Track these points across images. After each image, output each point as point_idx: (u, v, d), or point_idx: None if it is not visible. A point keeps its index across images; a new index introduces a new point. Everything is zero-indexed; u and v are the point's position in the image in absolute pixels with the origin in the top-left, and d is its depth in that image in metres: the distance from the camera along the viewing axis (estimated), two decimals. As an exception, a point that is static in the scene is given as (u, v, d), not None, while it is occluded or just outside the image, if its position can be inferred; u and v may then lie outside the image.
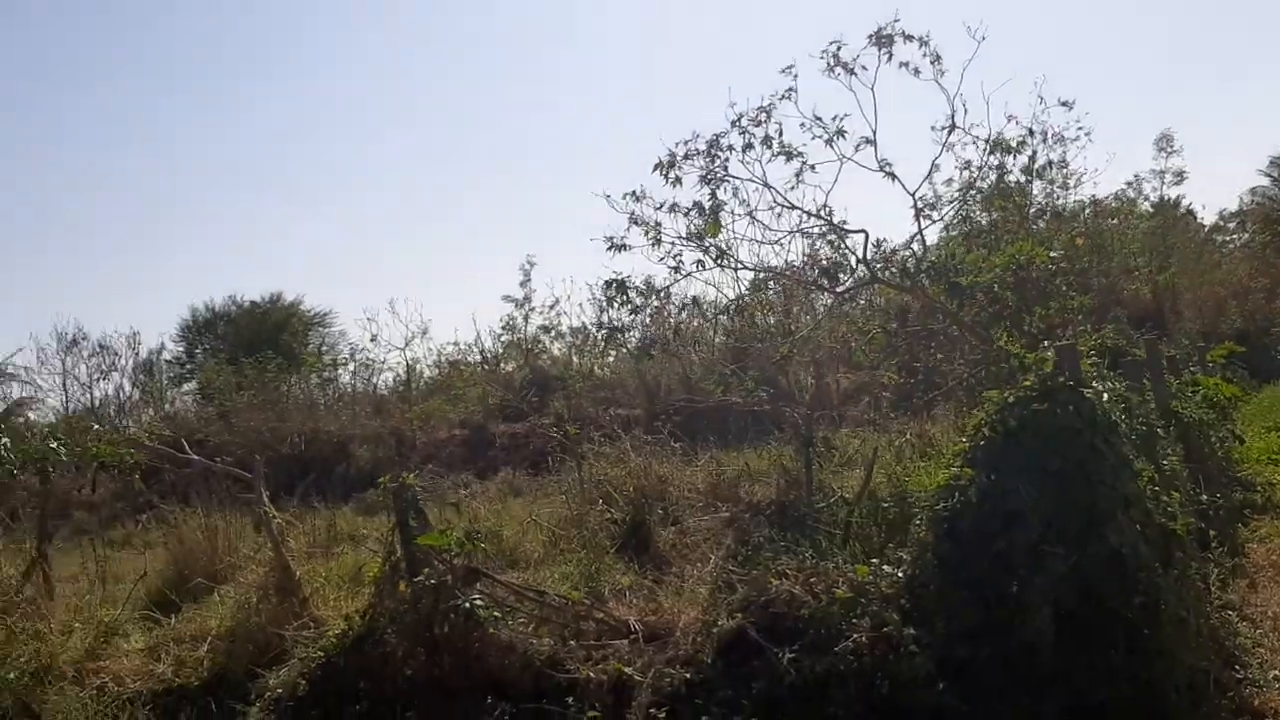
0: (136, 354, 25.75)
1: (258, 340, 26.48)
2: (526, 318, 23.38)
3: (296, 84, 57.12)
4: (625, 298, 10.30)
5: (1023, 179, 13.21)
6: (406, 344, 22.89)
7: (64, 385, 24.56)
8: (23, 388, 25.22)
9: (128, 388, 25.28)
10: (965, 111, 10.39)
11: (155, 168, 53.23)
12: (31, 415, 24.06)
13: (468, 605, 6.58)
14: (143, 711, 6.97)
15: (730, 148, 9.79)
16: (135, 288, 45.38)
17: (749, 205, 10.08)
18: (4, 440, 8.87)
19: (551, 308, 23.17)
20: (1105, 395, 6.14)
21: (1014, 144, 12.09)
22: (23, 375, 25.02)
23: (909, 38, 9.58)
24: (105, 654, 7.77)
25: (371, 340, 22.65)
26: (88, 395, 24.58)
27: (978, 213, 13.41)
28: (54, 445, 9.09)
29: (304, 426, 19.10)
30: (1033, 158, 13.28)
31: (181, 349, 29.69)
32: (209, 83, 56.81)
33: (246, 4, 59.64)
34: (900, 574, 6.20)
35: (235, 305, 29.73)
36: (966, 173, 11.51)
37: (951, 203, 12.88)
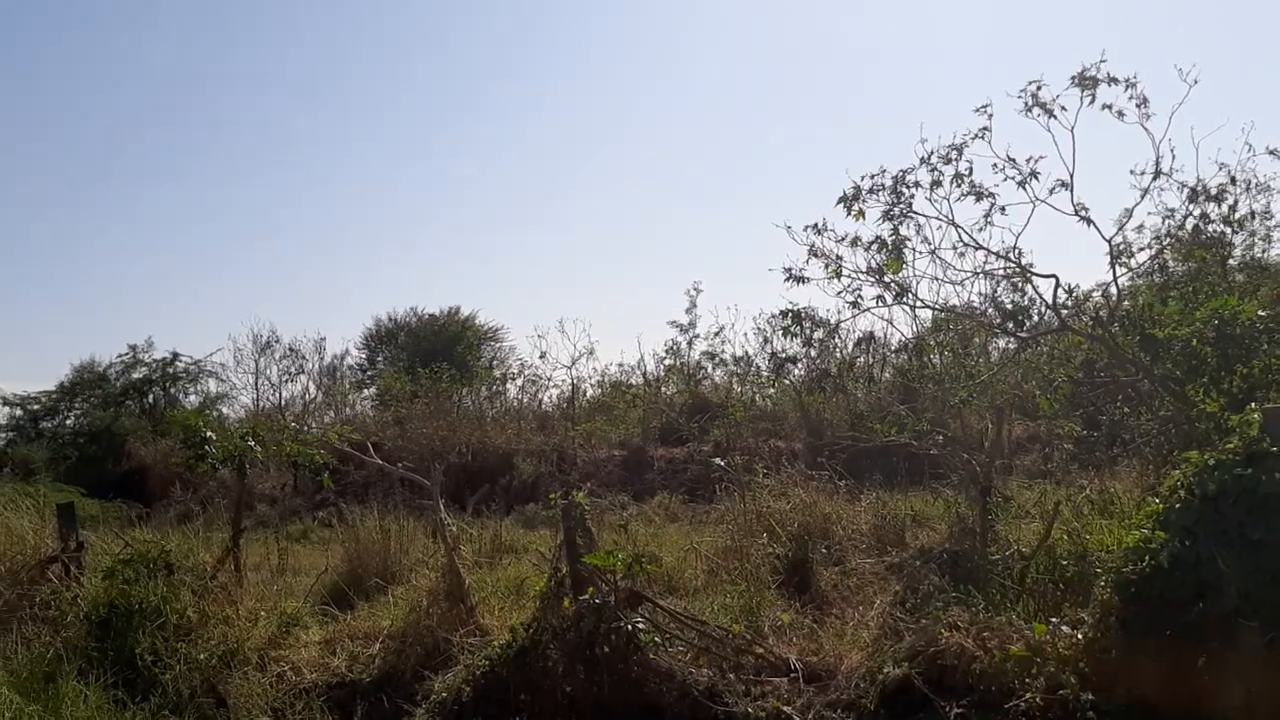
0: (322, 358, 27.26)
1: (434, 351, 27.51)
2: (690, 343, 23.54)
3: (484, 104, 59.24)
4: (801, 329, 10.25)
5: (1225, 229, 12.52)
6: (573, 363, 23.35)
7: (256, 384, 26.19)
8: (218, 384, 27.07)
9: (313, 390, 26.75)
10: (1173, 157, 9.95)
11: (359, 188, 56.06)
12: (225, 411, 25.78)
13: (630, 628, 6.66)
14: (317, 702, 7.30)
15: (917, 184, 9.64)
16: (326, 296, 47.87)
17: (932, 243, 9.91)
18: (211, 436, 9.50)
19: (716, 334, 23.27)
20: (1317, 464, 5.73)
21: (1215, 191, 11.52)
22: (220, 372, 26.89)
23: (1115, 80, 9.24)
24: (286, 643, 8.17)
25: (540, 357, 23.17)
26: (276, 394, 26.12)
27: (1173, 262, 12.78)
28: (251, 443, 9.62)
29: (472, 437, 19.64)
30: (1233, 207, 12.60)
31: (364, 356, 31.19)
32: (410, 101, 59.60)
33: (438, 25, 62.37)
34: (1080, 636, 5.95)
35: (416, 316, 31.02)
36: (1168, 221, 11.01)
37: (1144, 250, 12.34)
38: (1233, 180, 12.00)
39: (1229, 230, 12.75)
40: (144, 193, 53.88)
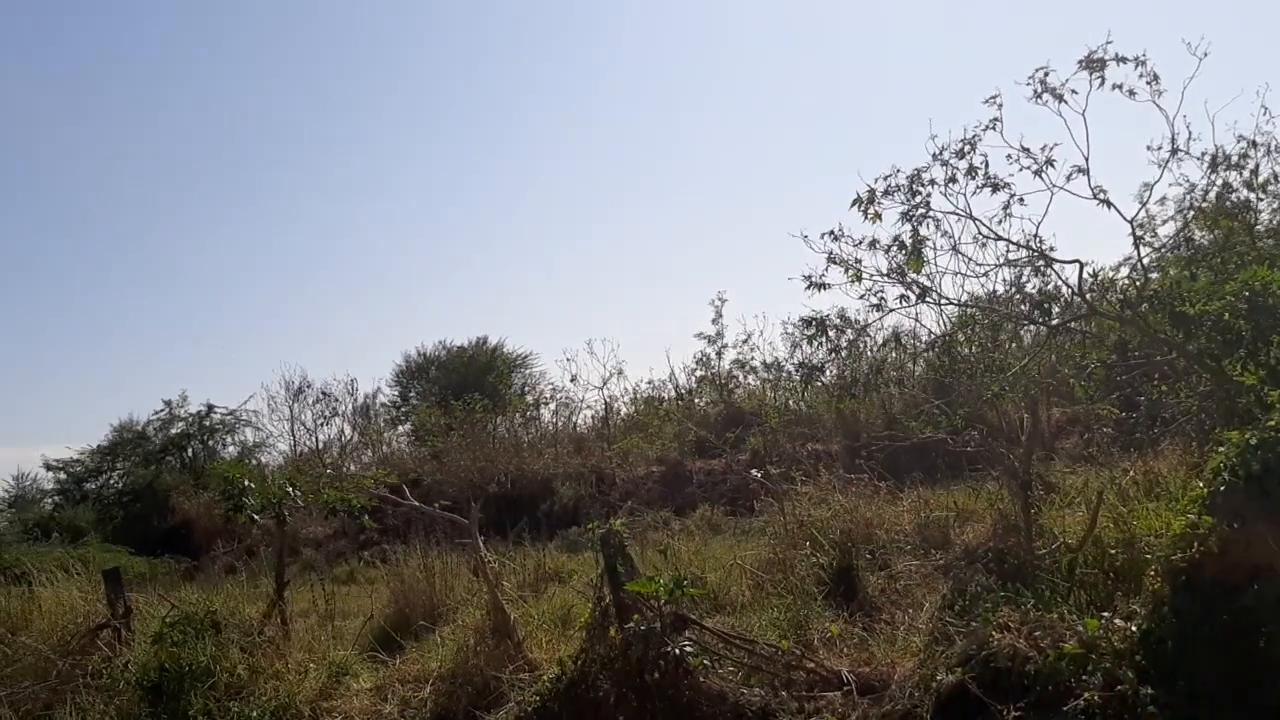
0: (354, 399, 27.47)
1: (466, 383, 27.60)
2: (720, 353, 23.52)
3: (486, 134, 59.61)
4: (825, 337, 10.18)
5: (1250, 196, 12.34)
6: (604, 383, 23.42)
7: (292, 430, 26.44)
8: (255, 433, 27.34)
9: (348, 431, 26.96)
10: (1189, 131, 9.81)
11: (375, 227, 56.55)
12: (264, 459, 26.01)
13: (677, 652, 6.62)
14: (373, 750, 7.31)
15: (932, 181, 9.53)
16: (354, 338, 48.23)
17: (952, 238, 9.81)
18: (250, 486, 9.57)
19: (744, 342, 23.24)
20: (1363, 435, 5.61)
21: (1235, 158, 11.35)
22: (255, 421, 27.16)
23: (1123, 60, 9.12)
24: (337, 694, 8.19)
25: (571, 380, 23.22)
26: (312, 439, 26.34)
27: (1199, 234, 12.61)
28: (290, 490, 9.68)
29: (510, 466, 19.68)
30: (1255, 171, 12.41)
31: (396, 393, 31.36)
32: (427, 133, 60.09)
33: (454, 41, 62.85)
34: (1134, 628, 5.84)
35: (445, 350, 31.15)
36: (1190, 195, 10.87)
37: (1166, 223, 12.18)
38: (1253, 144, 11.84)
39: (1254, 195, 12.57)
40: (159, 248, 54.58)
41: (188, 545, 20.57)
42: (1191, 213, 11.40)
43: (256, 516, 9.65)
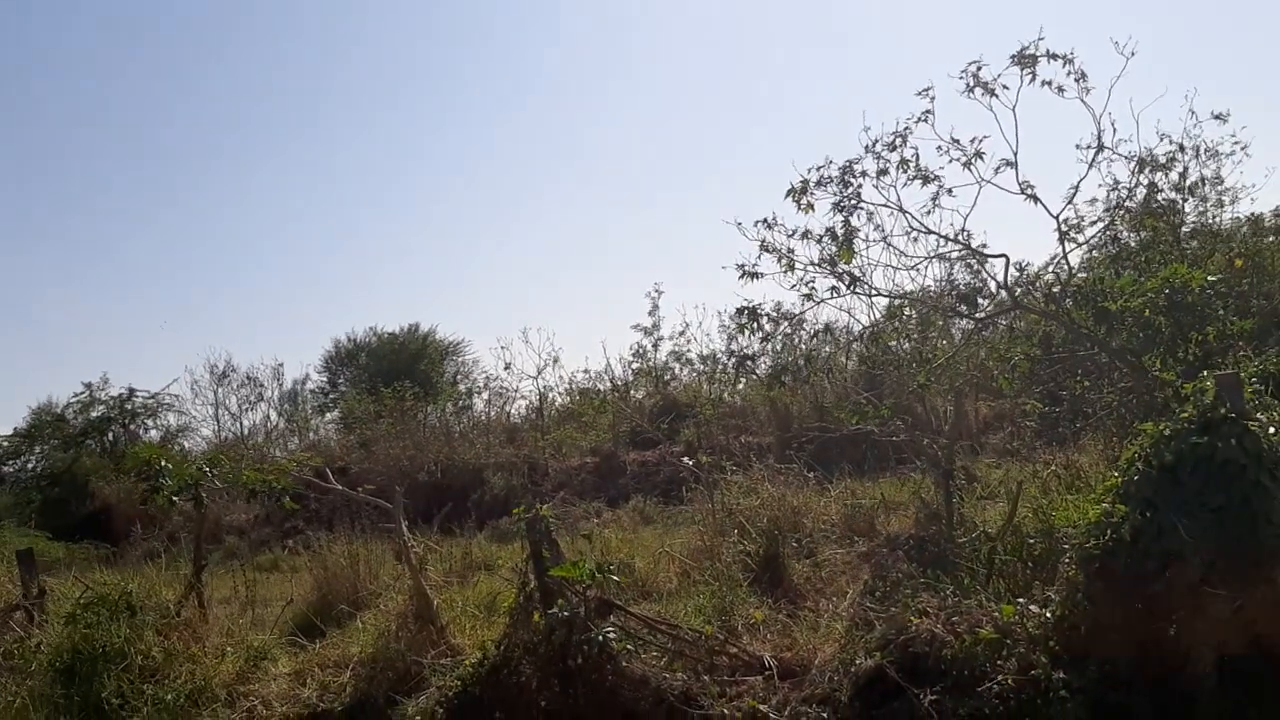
0: (281, 385, 27.05)
1: (396, 370, 27.30)
2: (656, 345, 23.54)
3: (425, 112, 58.97)
4: (757, 325, 10.22)
5: (1175, 197, 12.65)
6: (539, 372, 23.20)
7: (216, 415, 25.96)
8: (178, 418, 26.78)
9: (274, 417, 26.55)
10: (1114, 130, 10.02)
11: (306, 209, 55.57)
12: (186, 444, 25.49)
13: (600, 638, 6.59)
14: (289, 735, 7.19)
15: (864, 173, 9.64)
16: (281, 321, 47.41)
17: (884, 230, 9.92)
18: (167, 466, 9.35)
19: (681, 334, 23.27)
20: (1271, 428, 5.75)
21: (1163, 160, 11.62)
22: (178, 405, 26.59)
23: (1054, 56, 9.29)
24: (254, 677, 8.04)
25: (505, 369, 23.00)
26: (237, 425, 25.90)
27: (1125, 233, 12.89)
28: (207, 471, 9.49)
29: (440, 454, 19.48)
30: (1184, 174, 12.72)
31: (325, 379, 30.95)
32: (346, 115, 59.20)
33: (386, 31, 62.00)
34: (1048, 614, 5.96)
35: (376, 336, 30.80)
36: (1115, 193, 11.10)
37: (1095, 223, 12.42)
38: (1181, 148, 12.14)
39: (1180, 198, 12.90)
40: (83, 228, 53.13)
41: (108, 531, 20.05)
42: (1119, 211, 11.66)
43: (174, 498, 9.42)
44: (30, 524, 20.38)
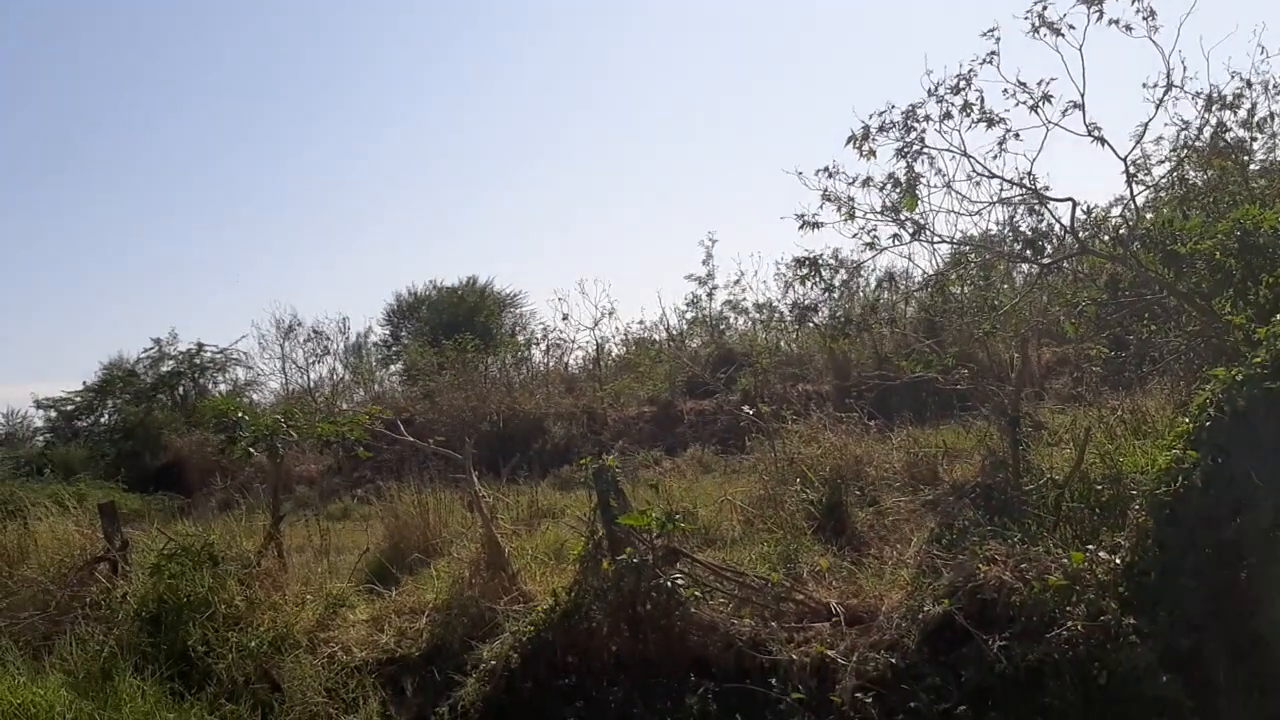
0: (346, 338, 27.40)
1: (456, 322, 27.52)
2: (711, 294, 23.51)
3: (475, 72, 58.86)
4: (818, 276, 10.18)
5: (1244, 135, 12.29)
6: (595, 324, 23.28)
7: (283, 369, 26.39)
8: (246, 372, 27.32)
9: (340, 370, 26.93)
10: (1183, 68, 9.78)
11: (362, 168, 56.02)
12: (255, 398, 26.03)
13: (669, 584, 6.72)
14: (369, 680, 7.42)
15: (927, 118, 9.49)
16: (345, 275, 48.06)
17: (946, 176, 9.78)
18: (244, 418, 9.59)
19: (735, 283, 23.23)
20: (1349, 371, 5.67)
21: (1231, 98, 11.28)
22: (245, 360, 27.12)
23: (1121, -8, 9.05)
24: (334, 624, 8.28)
25: (563, 319, 23.12)
26: (304, 378, 26.31)
27: (1192, 174, 12.58)
28: (283, 422, 9.69)
29: (502, 405, 19.70)
30: (1251, 111, 12.34)
31: (388, 332, 31.32)
32: (392, 80, 59.31)
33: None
34: (1118, 560, 5.96)
35: (436, 289, 31.04)
36: (1184, 133, 10.82)
37: (1161, 163, 12.12)
38: (1248, 84, 11.77)
39: (1248, 135, 12.53)
40: (146, 188, 54.08)
41: (180, 483, 20.60)
42: (1186, 151, 11.36)
43: (251, 449, 9.67)
44: (105, 477, 20.98)
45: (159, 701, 7.20)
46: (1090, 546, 6.14)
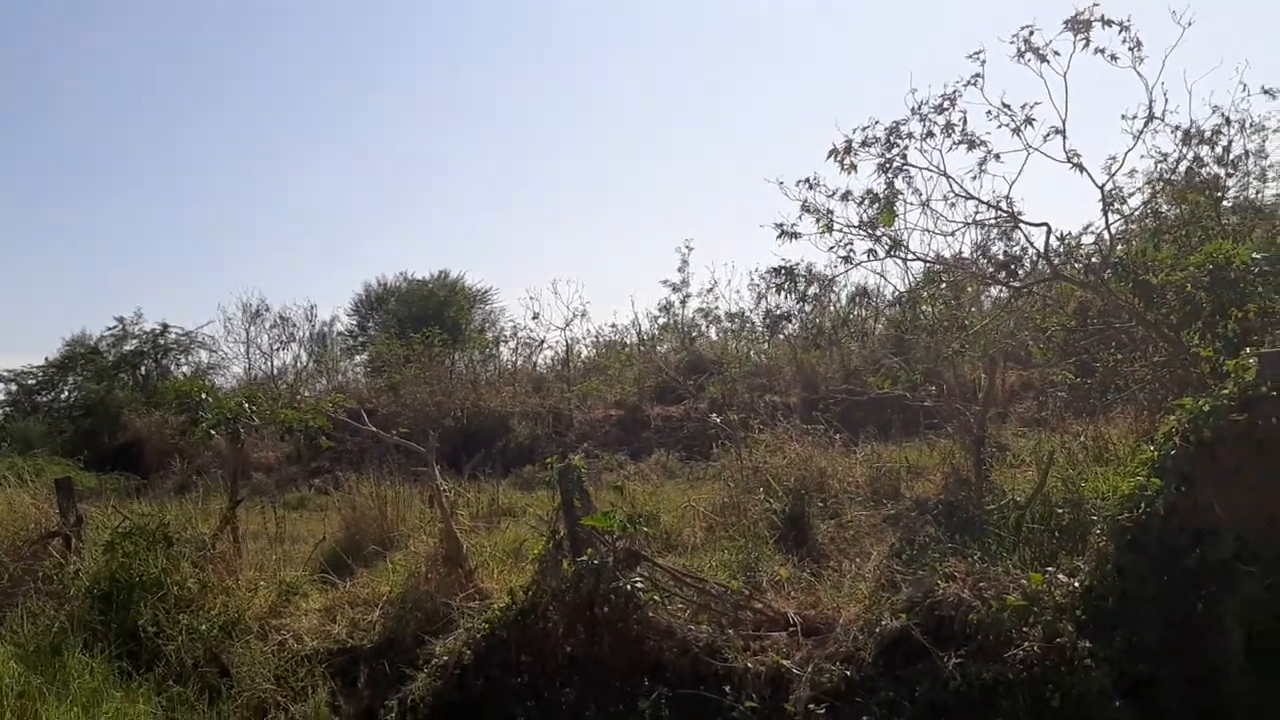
0: (313, 326, 27.16)
1: (425, 316, 27.34)
2: (684, 301, 23.51)
3: (459, 73, 58.66)
4: (793, 286, 10.19)
5: (1219, 171, 12.44)
6: (567, 324, 23.20)
7: (247, 354, 26.12)
8: (210, 355, 27.00)
9: (304, 358, 26.68)
10: (1165, 101, 9.87)
11: (343, 155, 55.61)
12: (217, 381, 25.71)
13: (629, 588, 6.66)
14: (319, 669, 7.33)
15: (910, 135, 9.54)
16: (314, 263, 47.67)
17: (923, 195, 9.83)
18: (208, 400, 9.45)
19: (709, 291, 23.28)
20: (1313, 407, 5.71)
21: (1209, 133, 11.41)
22: (210, 344, 26.80)
23: (1109, 23, 9.12)
24: (286, 612, 8.19)
25: (533, 319, 23.01)
26: (268, 364, 26.05)
27: (1165, 207, 12.71)
28: (245, 406, 9.57)
29: (466, 401, 19.57)
30: (1227, 148, 12.49)
31: (354, 322, 31.07)
32: (377, 78, 58.99)
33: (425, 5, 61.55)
34: (1077, 584, 5.98)
35: (406, 281, 30.82)
36: (1162, 165, 10.93)
37: (1135, 194, 12.24)
38: (1227, 121, 11.90)
39: (1223, 172, 12.67)
40: (126, 168, 53.39)
41: (138, 463, 20.37)
42: (1161, 183, 11.48)
43: (213, 431, 9.53)
44: (63, 453, 20.67)
45: (107, 679, 7.10)
46: (1050, 568, 6.15)
